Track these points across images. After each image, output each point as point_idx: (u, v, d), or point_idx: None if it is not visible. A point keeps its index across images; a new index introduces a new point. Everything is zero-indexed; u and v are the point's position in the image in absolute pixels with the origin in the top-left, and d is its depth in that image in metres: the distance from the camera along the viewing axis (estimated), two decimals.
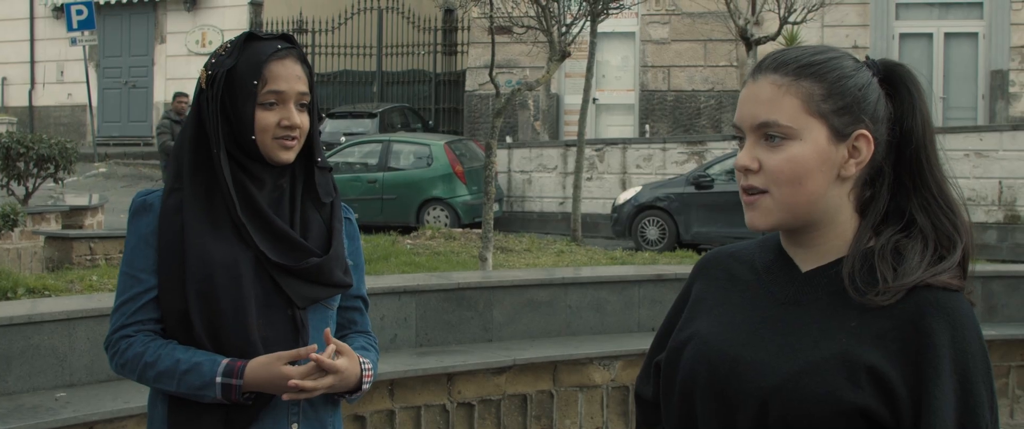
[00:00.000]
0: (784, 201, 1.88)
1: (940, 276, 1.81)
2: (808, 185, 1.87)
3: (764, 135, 1.88)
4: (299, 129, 2.68)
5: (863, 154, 1.87)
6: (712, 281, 2.04)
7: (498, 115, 10.33)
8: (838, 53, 1.93)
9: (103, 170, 23.27)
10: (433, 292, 6.70)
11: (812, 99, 1.87)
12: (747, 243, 2.07)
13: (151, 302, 2.66)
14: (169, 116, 15.47)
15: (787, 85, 1.88)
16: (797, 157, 1.86)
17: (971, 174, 16.69)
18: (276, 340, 2.66)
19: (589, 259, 11.73)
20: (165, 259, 2.64)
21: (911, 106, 1.89)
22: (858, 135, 1.87)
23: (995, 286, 7.81)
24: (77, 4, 24.70)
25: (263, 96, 2.64)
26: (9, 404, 5.03)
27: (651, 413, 2.11)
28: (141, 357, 2.62)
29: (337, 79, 25.54)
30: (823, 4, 17.35)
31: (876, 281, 1.82)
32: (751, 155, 1.89)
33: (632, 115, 22.61)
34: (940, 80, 20.69)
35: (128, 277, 2.68)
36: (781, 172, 1.87)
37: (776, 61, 1.92)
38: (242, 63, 2.65)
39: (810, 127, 1.87)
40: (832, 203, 1.89)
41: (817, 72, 1.88)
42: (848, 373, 1.78)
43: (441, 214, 17.40)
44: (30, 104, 27.83)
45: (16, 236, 11.00)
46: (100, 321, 5.34)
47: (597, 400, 6.71)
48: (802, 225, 1.91)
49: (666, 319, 2.11)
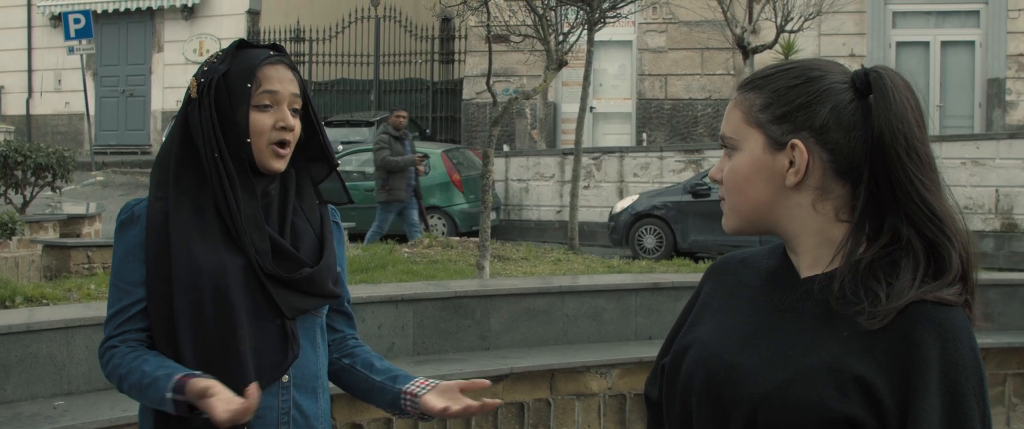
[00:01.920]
0: (734, 208, 1.97)
1: (935, 293, 1.80)
2: (749, 193, 1.93)
3: (725, 148, 1.98)
4: (293, 133, 2.69)
5: (798, 164, 1.88)
6: (720, 286, 2.06)
7: (495, 124, 10.34)
8: (800, 64, 1.94)
9: (101, 179, 23.27)
10: (430, 300, 6.71)
11: (751, 110, 1.93)
12: (759, 249, 2.09)
13: (139, 313, 2.66)
14: (387, 131, 14.72)
15: (737, 99, 1.97)
16: (736, 166, 1.95)
17: (968, 182, 16.71)
18: (266, 350, 2.66)
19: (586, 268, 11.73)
20: (152, 270, 2.64)
21: (883, 110, 1.85)
22: (792, 144, 1.88)
23: (992, 294, 7.82)
24: (75, 13, 24.72)
25: (258, 98, 2.65)
26: (7, 412, 5.03)
27: (658, 414, 2.12)
28: (117, 369, 2.63)
29: (334, 88, 25.55)
30: (820, 13, 17.40)
31: (868, 295, 1.82)
32: (719, 167, 2.00)
33: (629, 123, 22.64)
34: (937, 88, 20.72)
35: (117, 289, 2.69)
36: (726, 181, 1.97)
37: (744, 78, 2.00)
38: (235, 67, 2.66)
39: (748, 137, 1.93)
40: (795, 212, 1.91)
41: (760, 84, 1.94)
42: (836, 382, 1.79)
43: (438, 223, 17.41)
44: (27, 113, 27.82)
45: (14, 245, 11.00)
46: (98, 330, 5.32)
47: (594, 408, 6.71)
48: (763, 230, 1.96)
49: (676, 321, 2.13)
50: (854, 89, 1.89)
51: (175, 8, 26.42)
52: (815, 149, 1.87)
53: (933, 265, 1.83)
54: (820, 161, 1.88)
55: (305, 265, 2.70)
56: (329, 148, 2.83)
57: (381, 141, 14.65)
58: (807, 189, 1.89)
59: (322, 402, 2.82)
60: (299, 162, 2.80)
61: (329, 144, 2.84)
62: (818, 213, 1.90)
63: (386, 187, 14.47)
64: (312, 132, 2.79)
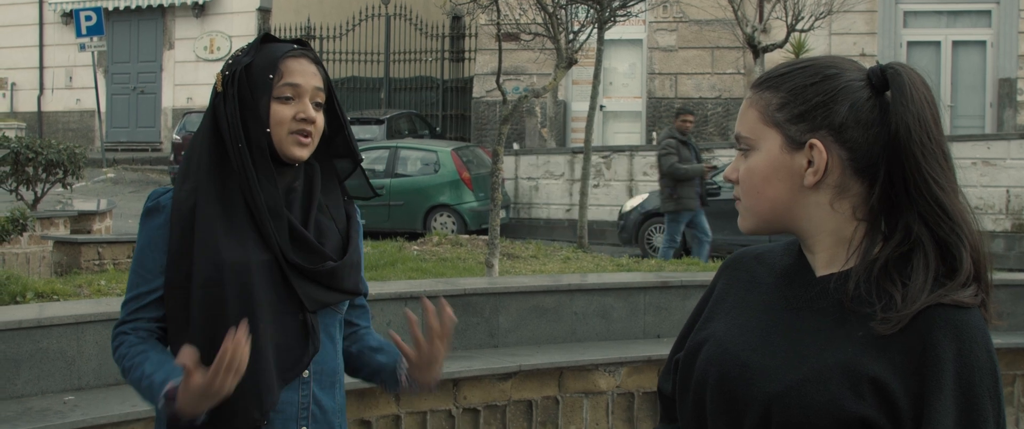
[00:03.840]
0: (750, 208, 1.95)
1: (951, 296, 1.79)
2: (767, 193, 1.92)
3: (739, 147, 1.96)
4: (314, 125, 2.70)
5: (817, 163, 1.87)
6: (735, 282, 2.05)
7: (504, 122, 10.34)
8: (816, 61, 1.93)
9: (111, 175, 23.32)
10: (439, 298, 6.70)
11: (768, 109, 1.91)
12: (773, 245, 2.08)
13: (155, 302, 2.67)
14: (673, 136, 13.43)
15: (753, 98, 1.95)
16: (753, 166, 1.93)
17: (979, 183, 16.68)
18: (287, 345, 2.66)
19: (595, 266, 11.73)
20: (174, 262, 2.64)
21: (900, 107, 1.84)
22: (810, 144, 1.87)
23: (1002, 294, 7.80)
24: (86, 10, 24.80)
25: (279, 89, 2.66)
26: (18, 407, 5.05)
27: (671, 408, 2.13)
28: (122, 360, 2.64)
29: (344, 85, 25.58)
30: (831, 12, 17.36)
31: (883, 296, 1.81)
32: (734, 167, 1.97)
33: (639, 122, 22.63)
34: (948, 88, 20.68)
35: (137, 275, 2.69)
36: (743, 181, 1.94)
37: (758, 77, 1.98)
38: (259, 59, 2.68)
39: (765, 136, 1.91)
40: (812, 211, 1.90)
41: (776, 83, 1.92)
42: (851, 383, 1.78)
43: (448, 220, 17.42)
44: (39, 109, 27.91)
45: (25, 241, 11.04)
46: (108, 325, 5.33)
47: (602, 406, 6.71)
48: (780, 230, 1.95)
49: (690, 316, 2.13)
50: (871, 86, 1.88)
51: (186, 5, 26.48)
52: (834, 148, 1.87)
53: (945, 265, 1.82)
54: (839, 160, 1.87)
55: (329, 258, 2.70)
56: (353, 143, 2.84)
57: (668, 147, 13.30)
58: (825, 188, 1.88)
59: (339, 397, 2.83)
60: (324, 159, 2.80)
61: (353, 139, 2.84)
62: (835, 212, 1.89)
63: (674, 196, 13.36)
64: (337, 127, 2.80)
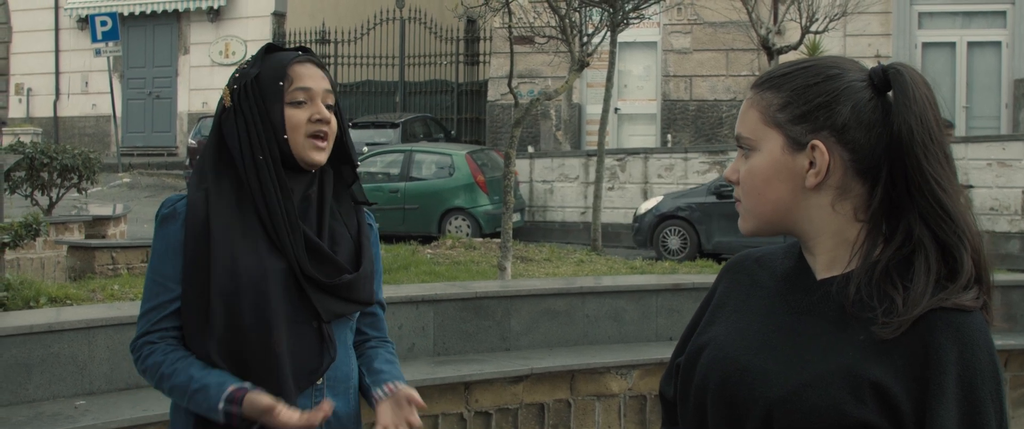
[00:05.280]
0: (751, 209, 1.93)
1: (953, 299, 1.77)
2: (768, 194, 1.90)
3: (740, 148, 1.94)
4: (329, 126, 2.70)
5: (819, 164, 1.86)
6: (736, 285, 2.04)
7: (517, 125, 10.34)
8: (818, 62, 1.91)
9: (126, 180, 23.40)
10: (451, 301, 6.71)
11: (769, 109, 1.90)
12: (774, 248, 2.07)
13: (177, 311, 2.67)
14: None
15: (754, 98, 1.93)
16: (754, 167, 1.91)
17: (994, 184, 16.61)
18: (303, 353, 2.66)
19: (609, 269, 11.73)
20: (190, 270, 2.64)
21: (902, 108, 1.83)
22: (812, 145, 1.86)
23: (1015, 296, 7.77)
24: (101, 15, 24.89)
25: (291, 94, 2.67)
26: (29, 412, 5.07)
27: (673, 412, 2.12)
28: (159, 367, 2.63)
29: (360, 89, 25.62)
30: (845, 13, 17.32)
31: (883, 300, 1.80)
32: (734, 167, 1.95)
33: (654, 125, 22.61)
34: (963, 89, 20.61)
35: (155, 284, 2.68)
36: (744, 182, 1.92)
37: (759, 77, 1.96)
38: (266, 69, 2.69)
39: (767, 137, 1.89)
40: (814, 213, 1.89)
41: (777, 83, 1.90)
42: (852, 387, 1.77)
43: (463, 224, 17.42)
44: (55, 115, 28.02)
45: (39, 246, 11.08)
46: (120, 329, 5.38)
47: (614, 409, 6.70)
48: (781, 232, 1.93)
49: (691, 320, 2.12)
50: (872, 86, 1.87)
51: (201, 10, 26.55)
52: (836, 149, 1.85)
53: (946, 267, 1.81)
54: (841, 161, 1.85)
55: (344, 270, 2.71)
56: (352, 149, 2.84)
57: None
58: (827, 189, 1.87)
59: (353, 402, 2.84)
60: (332, 165, 2.81)
61: (352, 145, 2.85)
62: (837, 213, 1.88)
63: None
64: (340, 132, 2.80)
